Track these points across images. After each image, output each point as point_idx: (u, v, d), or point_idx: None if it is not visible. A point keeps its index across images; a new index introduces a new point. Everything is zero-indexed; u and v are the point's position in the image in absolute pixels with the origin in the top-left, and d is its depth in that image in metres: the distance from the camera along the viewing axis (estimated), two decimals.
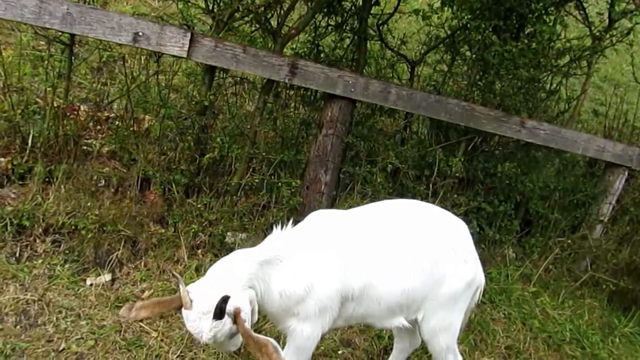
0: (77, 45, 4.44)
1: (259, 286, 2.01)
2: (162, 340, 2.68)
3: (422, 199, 3.71)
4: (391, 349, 2.82)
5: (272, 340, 1.82)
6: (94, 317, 2.67)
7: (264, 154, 3.56)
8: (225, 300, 1.79)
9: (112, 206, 3.19)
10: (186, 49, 3.05)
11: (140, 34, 2.99)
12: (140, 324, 2.69)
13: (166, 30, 3.02)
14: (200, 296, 1.85)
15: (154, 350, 2.61)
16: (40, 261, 2.90)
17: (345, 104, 3.45)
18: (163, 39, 3.02)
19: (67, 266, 2.92)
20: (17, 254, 2.90)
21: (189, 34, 3.04)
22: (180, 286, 1.84)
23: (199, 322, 1.82)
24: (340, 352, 2.93)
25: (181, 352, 2.64)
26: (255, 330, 1.89)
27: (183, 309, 1.85)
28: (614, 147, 4.22)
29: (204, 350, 2.66)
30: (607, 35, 4.31)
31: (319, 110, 3.65)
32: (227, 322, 1.83)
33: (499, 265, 4.04)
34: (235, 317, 1.84)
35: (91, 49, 4.21)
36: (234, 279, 1.92)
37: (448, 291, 2.32)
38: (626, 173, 4.32)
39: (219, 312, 1.79)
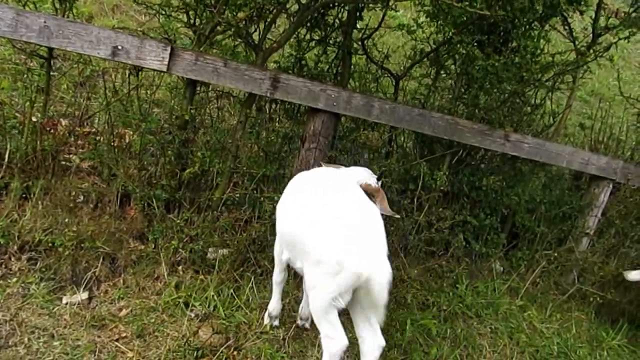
0: (59, 60, 4.42)
1: None
2: None
3: (406, 213, 3.69)
4: None
5: None
6: (68, 337, 2.59)
7: (245, 168, 3.53)
8: None
9: (91, 222, 3.14)
10: (166, 62, 3.02)
11: (120, 47, 2.97)
12: (116, 343, 2.61)
13: (146, 44, 3.00)
14: None
15: None
16: (14, 280, 2.82)
17: (328, 118, 3.43)
18: (143, 53, 3.00)
19: (42, 285, 2.84)
20: None
21: (168, 48, 3.01)
22: None
23: None
24: None
25: None
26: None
27: None
28: (597, 160, 4.23)
29: None
30: (591, 51, 4.32)
31: (302, 124, 3.62)
32: None
33: (486, 279, 4.01)
34: None
35: (74, 63, 4.17)
36: None
37: (313, 255, 2.32)
38: (611, 186, 4.32)
39: None
